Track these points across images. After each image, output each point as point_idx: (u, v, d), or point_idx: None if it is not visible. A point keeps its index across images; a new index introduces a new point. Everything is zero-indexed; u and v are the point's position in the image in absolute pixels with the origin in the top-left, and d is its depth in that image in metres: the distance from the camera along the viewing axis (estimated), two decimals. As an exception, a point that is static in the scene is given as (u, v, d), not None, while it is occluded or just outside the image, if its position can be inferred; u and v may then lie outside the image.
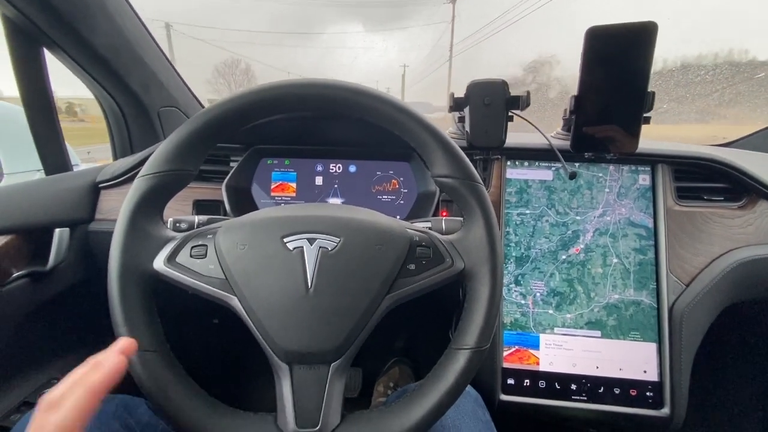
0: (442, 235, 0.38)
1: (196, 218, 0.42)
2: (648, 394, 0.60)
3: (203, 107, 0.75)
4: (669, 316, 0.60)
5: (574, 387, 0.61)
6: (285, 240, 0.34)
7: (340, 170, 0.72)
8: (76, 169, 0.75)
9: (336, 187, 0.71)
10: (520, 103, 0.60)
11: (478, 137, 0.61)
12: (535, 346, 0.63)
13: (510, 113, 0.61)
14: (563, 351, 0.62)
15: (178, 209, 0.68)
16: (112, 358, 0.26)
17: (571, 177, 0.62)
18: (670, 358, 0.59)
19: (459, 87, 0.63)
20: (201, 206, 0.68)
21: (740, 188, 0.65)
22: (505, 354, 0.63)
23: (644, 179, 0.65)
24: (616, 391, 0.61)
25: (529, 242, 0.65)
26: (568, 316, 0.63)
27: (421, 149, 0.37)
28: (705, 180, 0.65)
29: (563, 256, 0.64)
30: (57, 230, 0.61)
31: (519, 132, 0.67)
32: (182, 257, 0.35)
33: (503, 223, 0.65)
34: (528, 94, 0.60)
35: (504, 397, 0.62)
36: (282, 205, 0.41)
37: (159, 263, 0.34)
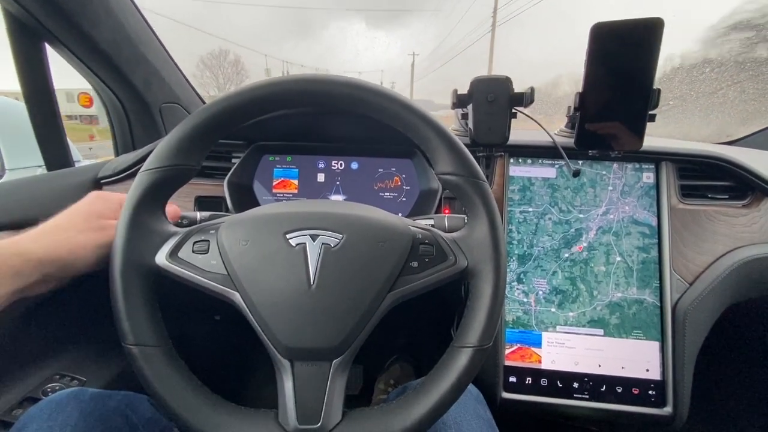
0: (445, 232, 0.38)
1: (199, 214, 0.42)
2: (650, 392, 0.60)
3: (205, 104, 0.75)
4: (672, 315, 0.60)
5: (576, 385, 0.61)
6: (288, 236, 0.34)
7: (342, 167, 0.72)
8: (77, 165, 0.75)
9: (338, 184, 0.71)
10: (523, 99, 0.60)
11: (482, 134, 0.61)
12: (538, 344, 0.63)
13: (513, 110, 0.61)
14: (565, 349, 0.62)
15: (180, 206, 0.67)
16: None
17: (575, 174, 0.61)
18: (673, 357, 0.59)
19: (462, 85, 0.63)
20: (203, 202, 0.68)
21: (745, 186, 0.64)
22: (507, 352, 0.63)
23: (648, 177, 0.64)
24: (619, 390, 0.60)
25: (532, 240, 0.65)
26: (571, 314, 0.63)
27: (424, 146, 0.37)
28: (709, 178, 0.65)
29: (566, 254, 0.64)
30: None
31: (522, 129, 0.66)
32: (184, 252, 0.35)
33: (506, 220, 0.65)
34: (532, 90, 0.59)
35: (506, 395, 0.62)
36: (284, 202, 0.41)
37: (161, 258, 0.34)
